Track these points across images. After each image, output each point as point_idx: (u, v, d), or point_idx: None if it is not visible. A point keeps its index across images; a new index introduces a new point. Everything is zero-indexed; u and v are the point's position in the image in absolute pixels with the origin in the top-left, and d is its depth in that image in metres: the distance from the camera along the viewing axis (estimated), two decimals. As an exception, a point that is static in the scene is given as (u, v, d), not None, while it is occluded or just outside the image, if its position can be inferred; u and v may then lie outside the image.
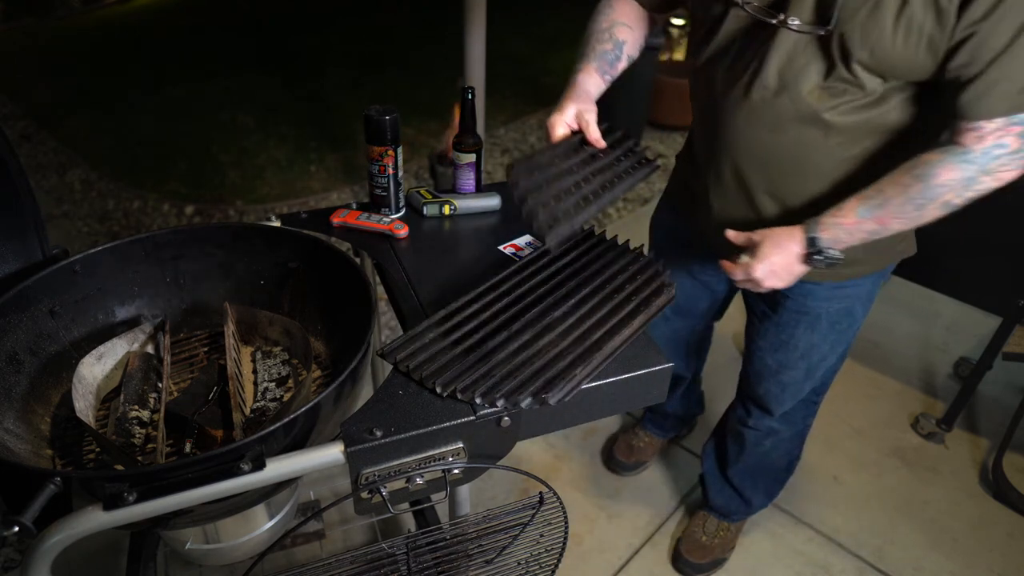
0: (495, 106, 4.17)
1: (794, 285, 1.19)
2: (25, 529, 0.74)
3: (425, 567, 1.06)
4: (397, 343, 1.03)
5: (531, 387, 0.95)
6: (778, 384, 1.48)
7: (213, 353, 1.22)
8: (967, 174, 0.93)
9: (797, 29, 0.97)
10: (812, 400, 1.57)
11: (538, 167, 1.10)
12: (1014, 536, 1.92)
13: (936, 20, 0.89)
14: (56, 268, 1.10)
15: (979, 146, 0.92)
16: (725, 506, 1.80)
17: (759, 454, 1.66)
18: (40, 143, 3.88)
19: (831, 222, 1.02)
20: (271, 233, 1.25)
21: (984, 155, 0.92)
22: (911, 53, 0.92)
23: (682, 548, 1.82)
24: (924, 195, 0.95)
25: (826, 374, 1.49)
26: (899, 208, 0.97)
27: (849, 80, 0.98)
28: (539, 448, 2.12)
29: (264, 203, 3.36)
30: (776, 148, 1.10)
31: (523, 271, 1.17)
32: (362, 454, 0.89)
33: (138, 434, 1.04)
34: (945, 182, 0.93)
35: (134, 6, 6.06)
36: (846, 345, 1.42)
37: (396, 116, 1.31)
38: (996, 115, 0.90)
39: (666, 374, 1.05)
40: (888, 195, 0.98)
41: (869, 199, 1.00)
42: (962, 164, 0.93)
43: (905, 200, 0.96)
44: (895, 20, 0.91)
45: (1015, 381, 2.39)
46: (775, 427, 1.59)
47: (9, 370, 1.02)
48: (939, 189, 0.94)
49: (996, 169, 0.92)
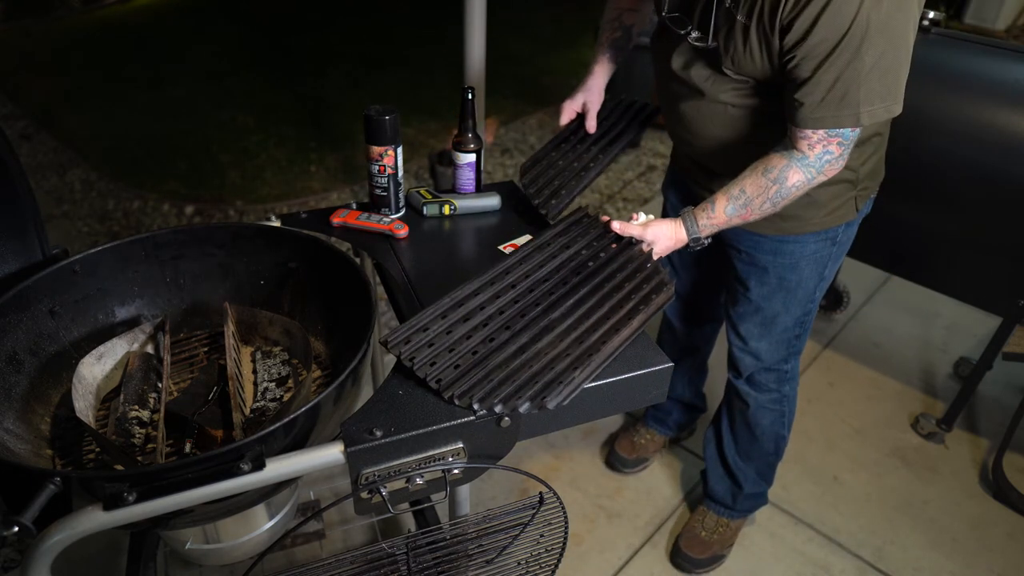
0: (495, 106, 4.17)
1: (743, 238, 1.45)
2: (25, 529, 0.74)
3: (425, 567, 1.06)
4: (401, 334, 1.03)
5: (529, 391, 0.95)
6: (738, 338, 1.61)
7: (213, 353, 1.22)
8: (808, 176, 1.18)
9: (692, 41, 1.22)
10: (781, 369, 1.64)
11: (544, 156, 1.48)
12: (1014, 536, 1.92)
13: (767, 45, 1.12)
14: (56, 268, 1.10)
15: (812, 152, 1.16)
16: (723, 494, 1.83)
17: (746, 426, 1.72)
18: (40, 143, 3.88)
19: (708, 224, 1.24)
20: (271, 233, 1.25)
21: (817, 160, 1.17)
22: (758, 64, 1.16)
23: (681, 543, 1.83)
24: (779, 194, 1.20)
25: (786, 337, 1.57)
26: (759, 206, 1.21)
27: (728, 77, 1.22)
28: (539, 448, 2.12)
29: (264, 203, 3.36)
30: (696, 115, 1.33)
31: (525, 263, 1.18)
32: (362, 454, 0.89)
33: (138, 434, 1.04)
34: (794, 183, 1.19)
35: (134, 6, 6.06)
36: (802, 309, 1.52)
37: (396, 116, 1.31)
38: (816, 128, 1.13)
39: (666, 374, 1.05)
40: (750, 195, 1.21)
41: (735, 199, 1.21)
42: (803, 168, 1.17)
43: (765, 199, 1.20)
44: (743, 40, 1.14)
45: (1015, 381, 2.39)
46: (750, 392, 1.67)
47: (9, 370, 1.02)
48: (791, 189, 1.19)
49: (827, 170, 1.19)
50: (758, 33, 1.12)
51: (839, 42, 1.04)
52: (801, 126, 1.14)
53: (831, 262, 1.47)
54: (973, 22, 5.27)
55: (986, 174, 1.77)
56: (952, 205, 1.85)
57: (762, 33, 1.12)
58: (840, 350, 2.54)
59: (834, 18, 1.03)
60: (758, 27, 1.12)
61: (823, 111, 1.11)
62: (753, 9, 1.11)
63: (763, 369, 1.63)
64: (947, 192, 1.83)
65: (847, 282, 2.67)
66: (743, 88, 1.24)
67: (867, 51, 1.05)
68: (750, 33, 1.13)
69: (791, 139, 1.18)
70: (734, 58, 1.18)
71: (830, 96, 1.09)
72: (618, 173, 3.69)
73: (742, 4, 1.12)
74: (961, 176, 1.79)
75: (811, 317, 1.56)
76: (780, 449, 1.78)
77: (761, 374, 1.64)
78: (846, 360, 2.50)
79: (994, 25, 5.25)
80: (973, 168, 1.78)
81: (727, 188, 1.23)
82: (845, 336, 2.60)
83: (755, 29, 1.12)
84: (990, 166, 1.76)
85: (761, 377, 1.64)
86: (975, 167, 1.78)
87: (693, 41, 1.22)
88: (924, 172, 1.83)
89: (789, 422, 1.74)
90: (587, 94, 1.52)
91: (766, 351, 1.59)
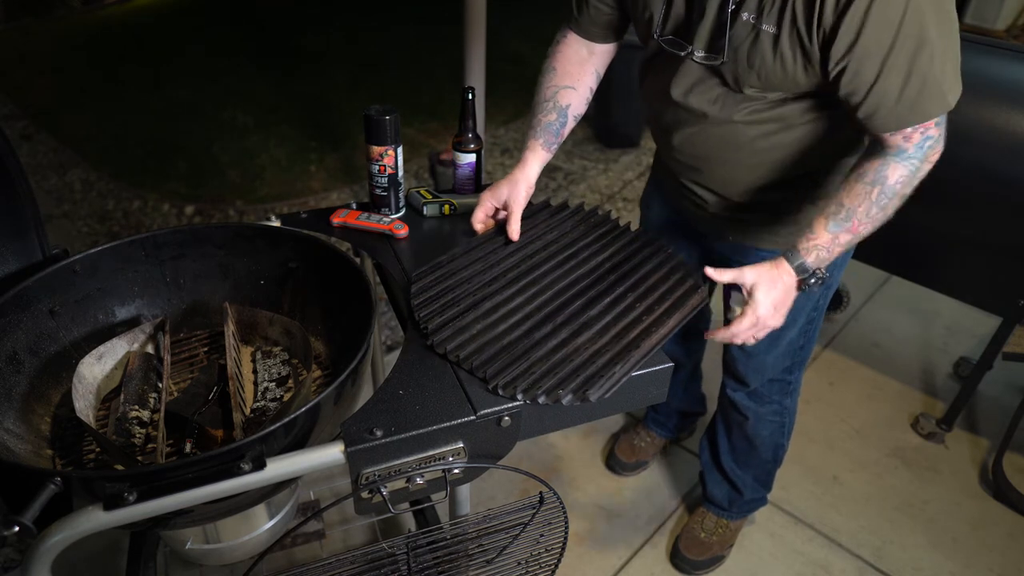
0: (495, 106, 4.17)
1: (736, 252, 1.37)
2: (25, 529, 0.74)
3: (425, 567, 1.06)
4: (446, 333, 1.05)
5: (572, 384, 0.97)
6: (741, 351, 1.54)
7: (213, 353, 1.22)
8: (911, 168, 1.05)
9: (698, 60, 1.12)
10: (785, 380, 1.59)
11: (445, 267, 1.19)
12: (1014, 536, 1.92)
13: (804, 56, 1.02)
14: (56, 268, 1.10)
15: (910, 144, 1.04)
16: (722, 498, 1.81)
17: (744, 438, 1.69)
18: (40, 143, 3.88)
19: (809, 246, 1.10)
20: (271, 233, 1.25)
21: (918, 149, 1.04)
22: (792, 77, 1.06)
23: (680, 544, 1.82)
24: (884, 194, 1.06)
25: (791, 348, 1.52)
26: (865, 214, 1.07)
27: (747, 96, 1.12)
28: (539, 448, 2.12)
29: (264, 203, 3.36)
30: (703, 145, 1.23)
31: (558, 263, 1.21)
32: (362, 454, 0.89)
33: (138, 434, 1.04)
34: (898, 179, 1.05)
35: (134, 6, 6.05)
36: (807, 319, 1.46)
37: (396, 116, 1.31)
38: (901, 127, 1.03)
39: (666, 374, 1.06)
40: (850, 206, 1.07)
41: (834, 215, 1.08)
42: (904, 162, 1.05)
43: (870, 205, 1.07)
44: (772, 52, 1.04)
45: (1015, 381, 2.39)
46: (751, 406, 1.62)
47: (9, 370, 1.02)
48: (895, 186, 1.06)
49: (930, 156, 1.06)
50: (791, 42, 1.02)
51: (897, 31, 0.94)
52: (884, 131, 1.04)
53: (836, 270, 1.39)
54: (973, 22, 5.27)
55: (986, 174, 1.77)
56: (952, 205, 1.85)
57: (796, 42, 1.01)
58: (840, 350, 2.54)
59: (885, 9, 0.93)
60: (791, 36, 1.01)
61: (903, 108, 1.00)
62: (783, 17, 1.00)
63: (767, 380, 1.58)
64: (947, 192, 1.82)
65: (847, 282, 2.67)
66: (758, 103, 1.13)
67: (930, 29, 0.94)
68: (781, 44, 1.02)
69: (880, 143, 1.07)
70: (760, 73, 1.07)
71: (907, 92, 0.99)
72: (618, 173, 3.69)
73: (766, 13, 1.01)
74: (961, 176, 1.79)
75: (815, 326, 1.50)
76: (779, 457, 1.75)
77: (765, 385, 1.59)
78: (846, 360, 2.50)
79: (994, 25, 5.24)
80: (973, 168, 1.78)
81: (822, 209, 1.11)
82: (845, 336, 2.60)
83: (787, 39, 1.01)
84: (990, 166, 1.76)
85: (764, 389, 1.60)
86: (975, 167, 1.78)
87: (701, 61, 1.11)
88: (924, 172, 1.83)
89: (789, 431, 1.71)
90: (512, 188, 1.25)
91: (771, 363, 1.53)
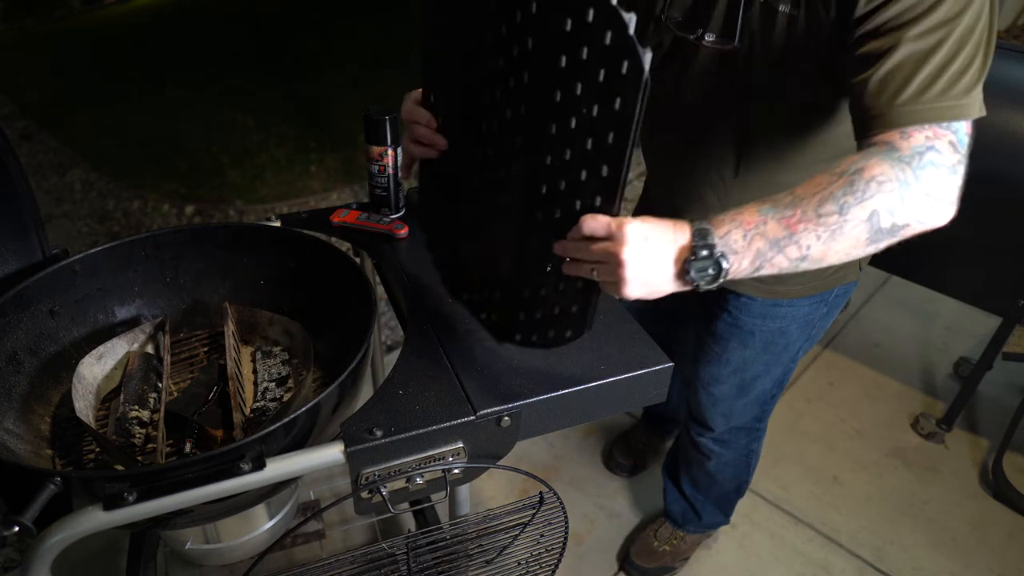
0: (495, 106, 4.16)
1: (729, 298, 1.27)
2: (25, 529, 0.74)
3: (425, 567, 1.06)
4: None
5: None
6: (708, 396, 1.45)
7: (213, 353, 1.22)
8: (900, 176, 0.78)
9: (710, 44, 1.02)
10: (754, 427, 1.54)
11: None
12: (1014, 536, 1.92)
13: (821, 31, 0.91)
14: (56, 268, 1.10)
15: (906, 143, 0.80)
16: (680, 516, 1.77)
17: (705, 473, 1.63)
18: (40, 143, 3.88)
19: (725, 218, 0.77)
20: (271, 233, 1.25)
21: (915, 155, 0.80)
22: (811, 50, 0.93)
23: (631, 550, 1.80)
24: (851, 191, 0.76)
25: (763, 398, 1.45)
26: (815, 209, 0.76)
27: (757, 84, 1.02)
28: (539, 448, 2.12)
29: (264, 203, 3.36)
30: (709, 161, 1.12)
31: None
32: (362, 454, 0.89)
33: (138, 434, 1.04)
34: (876, 177, 0.76)
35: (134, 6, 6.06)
36: (783, 370, 1.39)
37: (396, 116, 1.31)
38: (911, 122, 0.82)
39: (666, 374, 1.05)
40: (801, 194, 0.77)
41: (776, 200, 0.78)
42: (892, 162, 0.78)
43: (826, 198, 0.76)
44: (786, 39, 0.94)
45: (1015, 381, 2.39)
46: (715, 449, 1.55)
47: (9, 370, 1.02)
48: (870, 186, 0.76)
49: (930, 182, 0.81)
50: (808, 22, 0.90)
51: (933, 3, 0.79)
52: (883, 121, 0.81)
53: (821, 322, 1.31)
54: (973, 22, 5.27)
55: (986, 174, 1.77)
56: (952, 205, 1.85)
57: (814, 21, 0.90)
58: (840, 350, 2.54)
59: None
60: (807, 16, 0.90)
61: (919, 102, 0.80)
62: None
63: (734, 428, 1.51)
64: (947, 192, 1.83)
65: (847, 282, 2.67)
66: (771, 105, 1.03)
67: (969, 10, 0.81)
68: (796, 26, 0.92)
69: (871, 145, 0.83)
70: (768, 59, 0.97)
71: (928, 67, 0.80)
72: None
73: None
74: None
75: (790, 375, 1.42)
76: (742, 489, 1.70)
77: (731, 432, 1.52)
78: (846, 360, 2.50)
79: (994, 25, 5.24)
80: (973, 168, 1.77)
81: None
82: (845, 336, 2.60)
83: (803, 20, 0.91)
84: (990, 166, 1.76)
85: (730, 436, 1.53)
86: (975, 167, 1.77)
87: (711, 44, 1.01)
88: (924, 172, 1.83)
89: (754, 467, 1.65)
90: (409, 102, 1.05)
91: (740, 410, 1.46)
